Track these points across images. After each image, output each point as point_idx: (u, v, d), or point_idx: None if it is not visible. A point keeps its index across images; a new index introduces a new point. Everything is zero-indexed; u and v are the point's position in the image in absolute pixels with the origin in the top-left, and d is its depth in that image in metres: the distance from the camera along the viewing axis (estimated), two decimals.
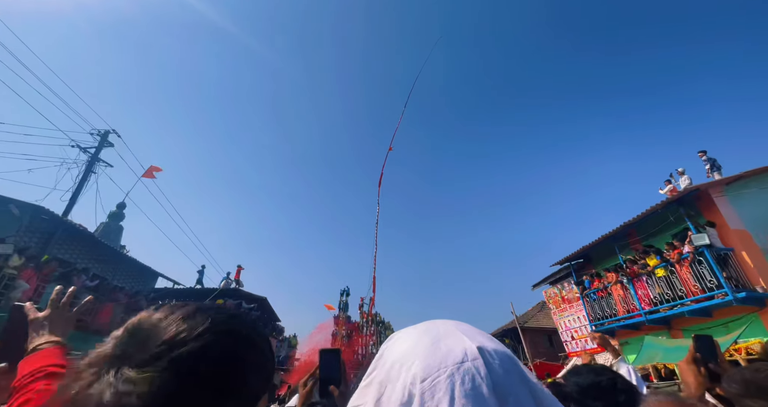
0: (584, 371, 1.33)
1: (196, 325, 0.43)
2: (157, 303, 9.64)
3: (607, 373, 1.28)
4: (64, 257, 11.02)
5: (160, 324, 0.43)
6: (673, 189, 9.45)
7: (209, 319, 0.44)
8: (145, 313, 0.47)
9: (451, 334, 0.50)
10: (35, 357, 0.87)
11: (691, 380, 1.15)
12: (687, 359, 1.19)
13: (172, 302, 0.50)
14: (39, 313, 1.00)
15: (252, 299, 17.87)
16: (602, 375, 1.27)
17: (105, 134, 13.35)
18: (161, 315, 0.45)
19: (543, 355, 16.98)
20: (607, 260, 10.98)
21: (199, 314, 0.45)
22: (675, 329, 8.63)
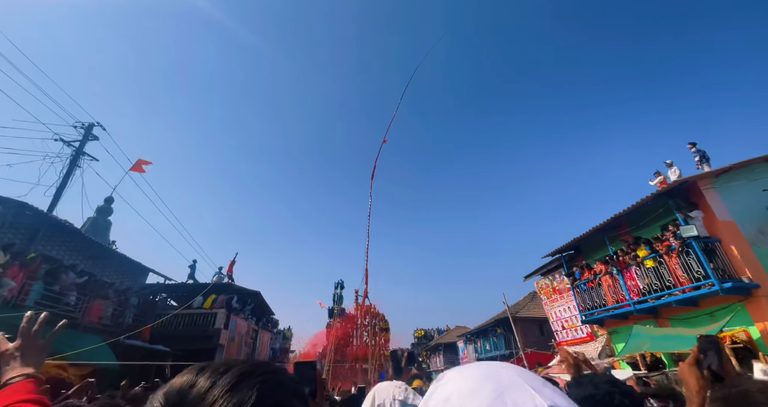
0: (585, 381, 1.28)
1: (244, 400, 0.42)
2: (148, 299, 9.41)
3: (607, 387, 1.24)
4: (50, 254, 10.75)
5: (206, 397, 0.42)
6: (663, 181, 9.52)
7: (256, 391, 0.43)
8: (185, 379, 0.45)
9: (517, 386, 0.44)
10: (5, 392, 0.82)
11: (692, 382, 1.10)
12: (689, 360, 1.14)
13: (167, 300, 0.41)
14: (9, 344, 0.95)
15: (245, 293, 17.77)
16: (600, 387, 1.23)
17: (89, 126, 12.93)
18: (205, 383, 0.43)
19: (534, 344, 17.29)
20: (598, 252, 11.10)
21: (246, 383, 0.44)
22: (662, 318, 8.79)
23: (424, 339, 41.99)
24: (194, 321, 14.58)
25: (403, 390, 1.28)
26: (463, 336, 27.27)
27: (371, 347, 20.16)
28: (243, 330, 17.11)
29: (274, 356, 24.20)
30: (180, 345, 13.13)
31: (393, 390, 1.27)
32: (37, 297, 9.24)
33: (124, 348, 10.68)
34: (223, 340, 14.51)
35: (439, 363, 31.73)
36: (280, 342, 26.95)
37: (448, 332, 36.34)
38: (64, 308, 9.96)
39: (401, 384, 1.31)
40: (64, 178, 12.17)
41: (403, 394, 1.26)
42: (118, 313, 12.20)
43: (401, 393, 1.26)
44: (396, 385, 1.30)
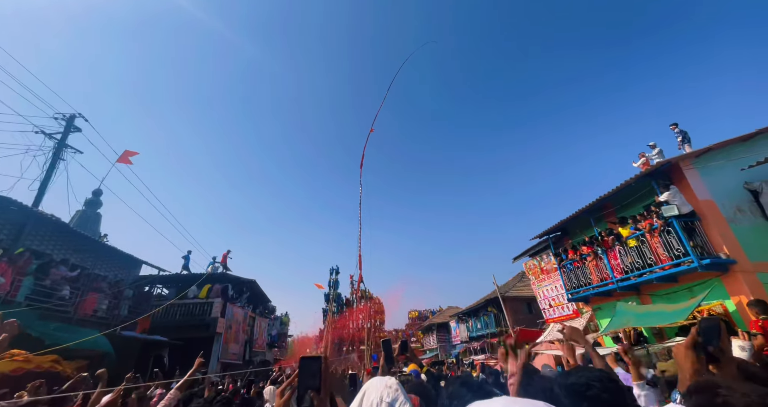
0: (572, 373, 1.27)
1: None
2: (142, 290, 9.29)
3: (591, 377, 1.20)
4: (39, 249, 10.47)
5: None
6: (646, 162, 9.60)
7: None
8: None
9: None
10: None
11: (687, 365, 1.09)
12: (686, 343, 1.12)
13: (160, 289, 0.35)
14: None
15: (240, 282, 17.72)
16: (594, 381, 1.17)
17: (71, 118, 12.40)
18: None
19: (523, 322, 17.77)
20: (584, 233, 11.27)
21: None
22: (644, 294, 9.04)
23: (417, 320, 42.92)
24: (190, 311, 14.56)
25: (393, 391, 1.21)
26: (456, 316, 27.88)
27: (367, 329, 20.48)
28: (240, 317, 17.16)
29: (272, 341, 24.47)
30: (177, 335, 13.14)
31: (382, 391, 1.21)
32: (28, 293, 9.05)
33: (121, 340, 10.62)
34: (221, 328, 14.55)
35: (432, 341, 32.54)
36: (278, 328, 27.20)
37: (441, 312, 37.14)
38: (57, 302, 9.80)
39: (393, 384, 1.25)
40: (48, 171, 11.74)
41: (392, 395, 1.20)
42: (112, 305, 12.07)
43: (390, 395, 1.20)
44: (387, 385, 1.24)
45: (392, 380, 1.28)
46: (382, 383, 1.25)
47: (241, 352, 17.10)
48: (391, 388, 1.22)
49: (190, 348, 13.23)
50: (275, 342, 25.29)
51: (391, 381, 1.26)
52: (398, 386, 1.24)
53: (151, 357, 12.33)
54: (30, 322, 8.43)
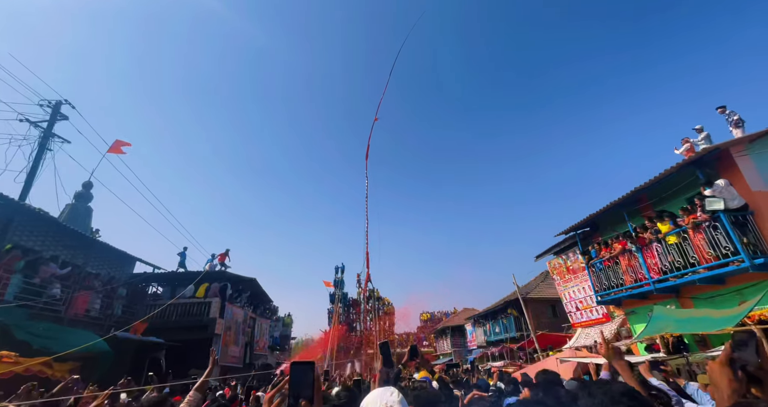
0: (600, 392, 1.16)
1: None
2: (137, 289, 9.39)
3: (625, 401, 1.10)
4: (27, 245, 10.69)
5: None
6: (690, 149, 9.19)
7: None
8: None
9: None
10: None
11: (723, 384, 1.01)
12: (721, 359, 1.05)
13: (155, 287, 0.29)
14: None
15: (240, 281, 17.90)
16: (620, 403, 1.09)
17: (57, 105, 12.51)
18: None
19: (546, 326, 17.55)
20: (615, 228, 10.94)
21: None
22: (684, 297, 8.75)
23: (429, 322, 43.03)
24: (188, 311, 14.76)
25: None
26: (472, 319, 27.79)
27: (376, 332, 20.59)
28: (240, 318, 17.38)
29: (274, 343, 24.82)
30: (174, 336, 13.34)
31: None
32: (16, 291, 9.25)
33: (115, 342, 10.84)
34: (219, 329, 14.75)
35: (446, 346, 32.59)
36: (280, 330, 27.56)
37: (456, 314, 37.11)
38: (48, 301, 10.01)
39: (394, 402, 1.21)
40: (35, 162, 11.92)
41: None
42: (105, 305, 12.32)
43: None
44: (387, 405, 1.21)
45: (393, 397, 1.24)
46: (382, 402, 1.22)
47: (242, 355, 17.35)
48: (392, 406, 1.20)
49: (188, 350, 13.44)
50: (277, 344, 25.64)
51: (392, 400, 1.23)
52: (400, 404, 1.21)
53: (146, 360, 12.56)
54: (19, 322, 8.64)
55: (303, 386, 1.10)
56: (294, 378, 1.12)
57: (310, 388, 1.10)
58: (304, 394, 1.09)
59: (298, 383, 1.11)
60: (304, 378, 1.11)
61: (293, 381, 1.11)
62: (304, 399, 1.08)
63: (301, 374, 1.12)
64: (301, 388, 1.10)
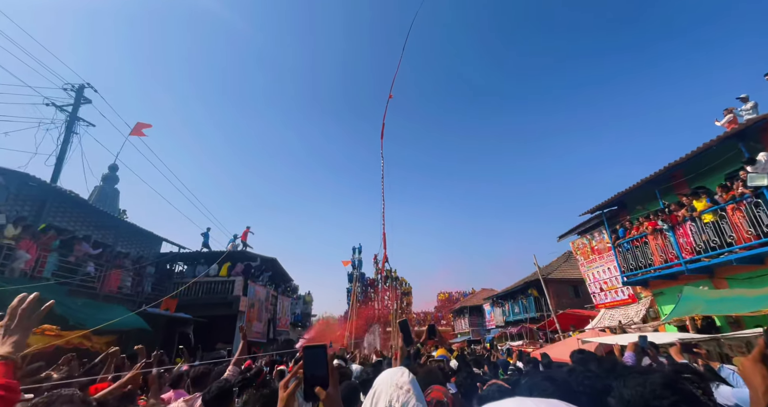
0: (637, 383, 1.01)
1: None
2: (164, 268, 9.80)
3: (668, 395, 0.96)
4: (61, 226, 11.25)
5: None
6: (733, 120, 8.59)
7: None
8: None
9: None
10: None
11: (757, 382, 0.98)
12: (754, 356, 1.03)
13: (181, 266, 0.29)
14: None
15: (261, 260, 18.43)
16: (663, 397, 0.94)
17: (80, 88, 12.81)
18: None
19: (567, 306, 17.41)
20: (646, 207, 10.52)
21: None
22: (719, 278, 8.42)
23: (447, 302, 43.54)
24: (213, 289, 15.40)
25: (404, 393, 1.20)
26: (490, 299, 27.89)
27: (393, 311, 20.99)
28: (262, 296, 18.03)
29: (296, 320, 25.77)
30: (201, 312, 14.00)
31: (392, 393, 1.20)
32: (53, 269, 9.83)
33: (147, 317, 11.47)
34: (243, 306, 15.36)
35: (464, 325, 33.01)
36: (301, 308, 28.52)
37: (474, 294, 37.32)
38: (83, 279, 10.63)
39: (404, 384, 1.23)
40: (63, 145, 12.37)
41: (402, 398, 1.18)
42: (136, 282, 12.97)
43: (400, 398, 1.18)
44: (398, 385, 1.22)
45: (404, 378, 1.25)
46: (393, 382, 1.23)
47: (265, 331, 18.11)
48: (402, 389, 1.21)
49: (214, 326, 14.13)
50: (299, 321, 26.62)
51: (402, 380, 1.24)
52: (410, 384, 1.23)
53: (176, 334, 13.29)
54: (58, 298, 9.23)
55: (317, 369, 1.11)
56: (307, 361, 1.13)
57: (324, 371, 1.11)
58: (319, 377, 1.10)
59: (311, 367, 1.12)
60: (317, 362, 1.12)
61: (307, 365, 1.12)
62: (318, 382, 1.09)
63: (315, 357, 1.13)
64: (315, 372, 1.11)
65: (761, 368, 1.00)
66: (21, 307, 1.02)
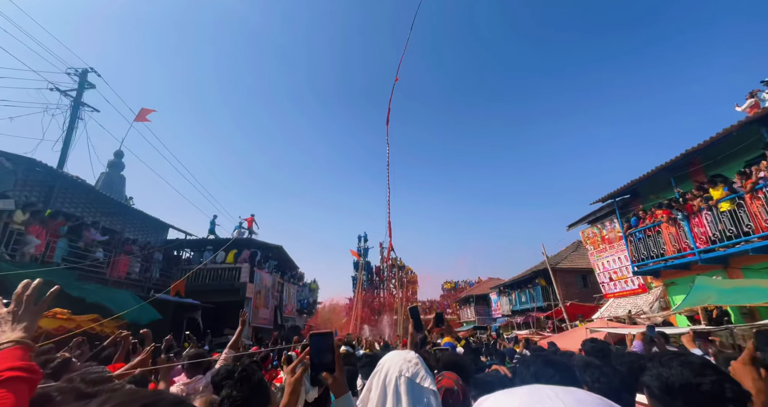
0: (676, 364, 1.05)
1: None
2: (171, 254, 9.91)
3: (710, 373, 1.00)
4: (69, 211, 11.40)
5: None
6: (755, 105, 8.31)
7: None
8: None
9: None
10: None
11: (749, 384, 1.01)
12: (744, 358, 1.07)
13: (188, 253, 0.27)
14: (2, 308, 1.01)
15: (267, 248, 18.61)
16: (704, 375, 0.99)
17: (83, 73, 12.80)
18: None
19: (576, 296, 17.38)
20: (660, 195, 10.34)
21: None
22: (733, 268, 8.30)
23: (453, 291, 43.83)
24: (220, 276, 15.63)
25: (413, 365, 1.24)
26: (497, 288, 27.97)
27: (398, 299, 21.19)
28: (268, 283, 18.27)
29: (302, 307, 26.15)
30: (208, 298, 14.24)
31: (401, 365, 1.24)
32: (63, 254, 10.01)
33: (156, 302, 11.71)
34: (250, 293, 15.59)
35: (470, 314, 33.26)
36: (307, 295, 28.89)
37: (480, 283, 37.47)
38: (92, 264, 10.83)
39: (412, 358, 1.28)
40: (68, 131, 12.44)
41: (412, 370, 1.22)
42: (144, 268, 13.19)
43: (410, 369, 1.22)
44: (406, 359, 1.27)
45: (411, 354, 1.31)
46: (401, 357, 1.28)
47: (272, 317, 18.42)
48: (410, 362, 1.25)
49: (222, 312, 14.38)
50: (305, 308, 27.01)
51: (410, 355, 1.30)
52: (418, 360, 1.28)
53: (184, 320, 13.56)
54: (68, 282, 9.43)
55: (323, 355, 1.16)
56: (314, 348, 1.17)
57: (330, 357, 1.15)
58: (325, 363, 1.15)
59: (318, 353, 1.16)
60: (323, 348, 1.16)
61: (314, 351, 1.17)
62: (324, 367, 1.14)
63: (321, 344, 1.17)
64: (321, 357, 1.16)
65: (751, 370, 1.03)
66: (26, 293, 1.03)
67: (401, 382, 1.18)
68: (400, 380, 1.19)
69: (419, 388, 1.18)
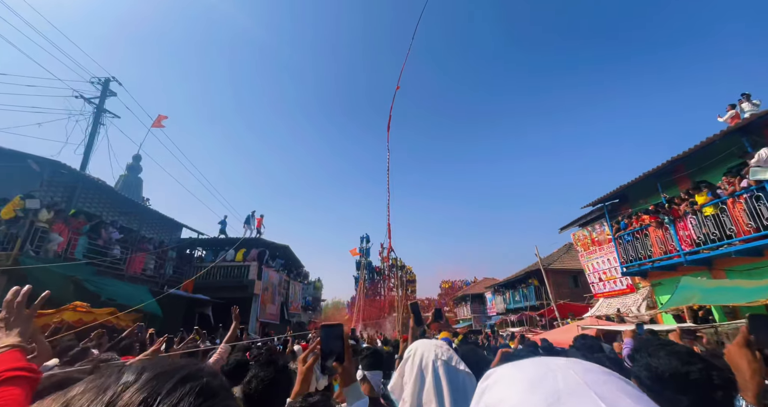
0: (663, 353, 1.05)
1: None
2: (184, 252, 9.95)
3: (697, 361, 1.00)
4: (90, 211, 11.49)
5: None
6: (735, 116, 8.36)
7: None
8: None
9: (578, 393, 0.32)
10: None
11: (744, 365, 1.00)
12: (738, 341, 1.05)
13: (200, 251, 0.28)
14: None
15: (274, 247, 18.65)
16: (692, 363, 1.00)
17: (106, 82, 12.95)
18: None
19: (567, 296, 17.35)
20: (648, 200, 10.35)
21: None
22: (717, 269, 8.29)
23: (450, 290, 43.67)
24: (229, 273, 15.67)
25: (446, 350, 1.24)
26: (492, 287, 27.89)
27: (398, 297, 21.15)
28: (275, 280, 18.29)
29: (307, 305, 26.13)
30: (218, 294, 14.27)
31: (436, 350, 1.23)
32: (84, 251, 10.08)
33: (169, 297, 11.76)
34: (258, 290, 15.61)
35: (466, 312, 33.12)
36: (312, 293, 28.87)
37: (476, 283, 37.33)
38: (111, 260, 10.89)
39: (443, 344, 1.27)
40: (91, 136, 12.56)
41: (447, 354, 1.22)
42: (159, 265, 13.25)
43: (444, 353, 1.22)
44: (438, 345, 1.26)
45: (441, 341, 1.30)
46: (432, 344, 1.27)
47: (278, 313, 18.42)
48: (442, 347, 1.25)
49: (231, 307, 14.40)
50: (309, 305, 26.99)
51: (441, 342, 1.29)
52: (449, 346, 1.28)
53: (196, 314, 13.59)
54: (88, 277, 9.49)
55: (333, 346, 1.15)
56: (325, 339, 1.16)
57: (340, 347, 1.15)
58: (335, 353, 1.14)
59: (328, 343, 1.16)
60: (333, 339, 1.16)
61: (324, 342, 1.16)
62: (334, 357, 1.14)
63: (331, 335, 1.17)
64: (331, 348, 1.15)
65: (746, 352, 1.01)
66: (17, 300, 1.02)
67: (439, 365, 1.18)
68: (438, 363, 1.19)
69: (455, 370, 1.18)
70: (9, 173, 9.78)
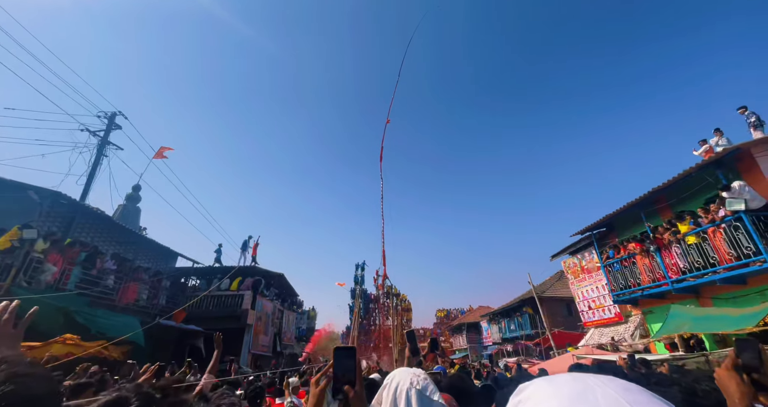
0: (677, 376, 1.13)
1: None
2: (178, 281, 9.79)
3: None
4: (86, 240, 11.34)
5: None
6: (708, 150, 8.78)
7: None
8: None
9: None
10: None
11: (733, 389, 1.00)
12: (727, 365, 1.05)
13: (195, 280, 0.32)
14: None
15: (269, 276, 18.31)
16: None
17: (112, 116, 13.27)
18: None
19: (562, 324, 17.07)
20: (633, 229, 10.57)
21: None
22: (704, 297, 8.34)
23: (445, 319, 42.57)
24: (223, 302, 15.25)
25: (422, 379, 1.22)
26: (487, 316, 27.33)
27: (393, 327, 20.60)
28: (269, 310, 17.78)
29: (300, 335, 25.21)
30: (211, 325, 13.78)
31: (412, 378, 1.22)
32: (76, 281, 9.83)
33: (160, 329, 11.34)
34: (251, 320, 15.14)
35: (462, 342, 32.15)
36: (306, 322, 27.97)
37: (471, 312, 36.57)
38: (103, 290, 10.60)
39: (421, 373, 1.26)
40: (93, 167, 12.67)
41: (422, 383, 1.20)
42: (152, 295, 12.90)
43: (420, 382, 1.20)
44: (416, 373, 1.25)
45: (419, 370, 1.30)
46: (410, 372, 1.27)
47: (271, 344, 17.73)
48: (419, 376, 1.24)
49: (223, 338, 13.86)
50: (303, 335, 26.04)
51: (419, 371, 1.29)
52: (426, 375, 1.26)
53: (187, 346, 13.05)
54: (80, 308, 9.19)
55: (346, 369, 1.13)
56: (337, 362, 1.14)
57: (352, 371, 1.12)
58: (347, 377, 1.11)
59: (341, 367, 1.13)
60: (346, 362, 1.13)
61: (337, 365, 1.13)
62: (347, 381, 1.10)
63: (344, 358, 1.14)
64: (344, 371, 1.12)
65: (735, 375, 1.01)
66: (4, 317, 0.98)
67: (412, 393, 1.16)
68: (411, 391, 1.17)
69: (428, 400, 1.16)
70: (9, 203, 9.74)
